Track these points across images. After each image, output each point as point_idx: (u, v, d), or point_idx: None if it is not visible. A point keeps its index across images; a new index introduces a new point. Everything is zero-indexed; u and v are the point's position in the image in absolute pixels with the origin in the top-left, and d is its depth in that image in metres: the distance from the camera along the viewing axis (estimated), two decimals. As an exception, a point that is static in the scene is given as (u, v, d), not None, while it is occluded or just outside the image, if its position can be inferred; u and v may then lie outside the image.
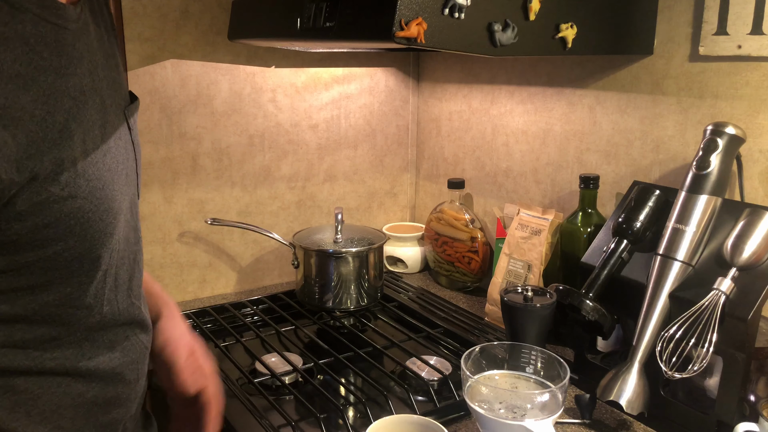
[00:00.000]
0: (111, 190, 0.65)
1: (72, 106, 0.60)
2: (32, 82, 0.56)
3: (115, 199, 0.66)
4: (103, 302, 0.69)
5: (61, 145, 0.58)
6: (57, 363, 0.65)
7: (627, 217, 1.05)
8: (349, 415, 1.03)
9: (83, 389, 0.68)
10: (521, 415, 0.82)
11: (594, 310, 1.02)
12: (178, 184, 1.44)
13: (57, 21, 0.61)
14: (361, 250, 1.35)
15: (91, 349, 0.69)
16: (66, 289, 0.63)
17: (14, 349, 0.62)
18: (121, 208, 0.68)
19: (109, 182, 0.65)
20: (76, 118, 0.61)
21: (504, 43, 0.95)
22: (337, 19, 0.98)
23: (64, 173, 0.58)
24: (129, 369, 0.74)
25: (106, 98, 0.69)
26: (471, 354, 0.90)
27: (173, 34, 1.37)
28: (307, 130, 1.59)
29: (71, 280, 0.64)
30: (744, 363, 0.88)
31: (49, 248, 0.59)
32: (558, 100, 1.36)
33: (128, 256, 0.74)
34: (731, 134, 0.97)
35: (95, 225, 0.63)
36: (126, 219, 0.71)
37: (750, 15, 1.00)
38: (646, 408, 0.93)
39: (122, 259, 0.72)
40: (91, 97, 0.64)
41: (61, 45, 0.61)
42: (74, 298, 0.64)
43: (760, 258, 0.89)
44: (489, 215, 1.56)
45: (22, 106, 0.54)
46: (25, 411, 0.63)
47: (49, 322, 0.63)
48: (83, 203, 0.61)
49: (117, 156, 0.69)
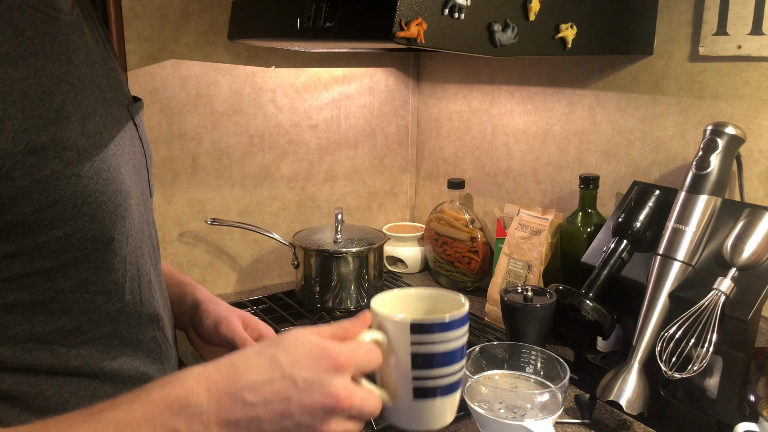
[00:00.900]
0: (118, 173, 0.66)
1: (69, 91, 0.62)
2: (22, 61, 0.57)
3: (124, 182, 0.66)
4: (125, 290, 0.68)
5: (58, 125, 0.59)
6: (81, 362, 0.65)
7: (627, 217, 1.05)
8: (349, 415, 1.03)
9: (111, 392, 0.67)
10: (521, 415, 0.82)
11: (594, 310, 1.02)
12: (178, 184, 1.44)
13: (47, 10, 0.62)
14: (361, 250, 1.35)
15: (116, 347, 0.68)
16: (82, 274, 0.64)
17: (38, 344, 0.62)
18: (131, 194, 0.68)
19: (115, 165, 0.65)
20: (74, 102, 0.62)
21: (504, 43, 0.95)
22: (337, 19, 0.98)
23: (66, 151, 0.59)
24: (156, 371, 0.74)
25: (106, 92, 0.70)
26: (471, 354, 0.90)
27: (173, 34, 1.37)
28: (307, 130, 1.59)
29: (86, 265, 0.64)
30: (744, 363, 0.88)
31: (59, 229, 0.60)
32: (558, 100, 1.36)
33: (148, 247, 0.74)
34: (731, 134, 0.97)
35: (104, 205, 0.63)
36: (139, 210, 0.72)
37: (750, 15, 1.00)
38: (646, 408, 0.93)
39: (141, 249, 0.72)
40: (90, 87, 0.66)
41: (53, 33, 0.62)
42: (90, 282, 0.64)
43: (760, 258, 0.89)
44: (489, 215, 1.56)
45: (11, 83, 0.55)
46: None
47: (68, 310, 0.63)
48: (88, 182, 0.61)
49: (122, 146, 0.69)
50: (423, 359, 0.59)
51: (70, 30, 0.66)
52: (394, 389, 0.61)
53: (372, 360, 0.58)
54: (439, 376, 0.60)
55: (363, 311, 0.61)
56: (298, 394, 0.53)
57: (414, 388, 0.60)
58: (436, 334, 0.59)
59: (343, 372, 0.55)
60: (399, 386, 0.60)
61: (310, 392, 0.53)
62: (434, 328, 0.59)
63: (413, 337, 0.59)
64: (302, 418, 0.53)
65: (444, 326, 0.59)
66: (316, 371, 0.54)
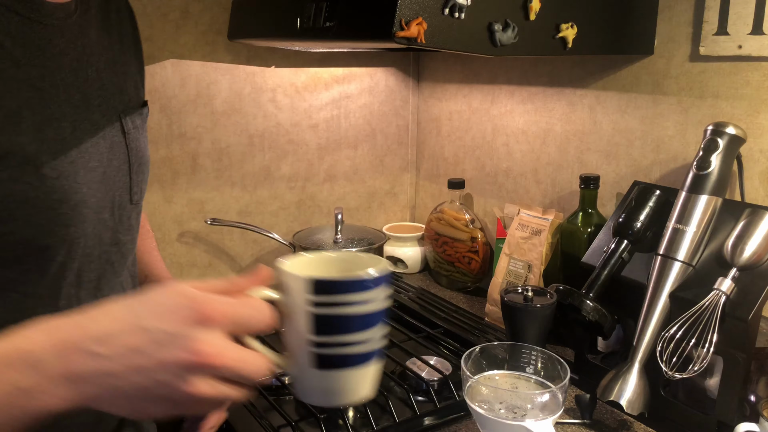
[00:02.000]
0: (71, 181, 0.65)
1: (32, 96, 0.62)
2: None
3: (77, 191, 0.66)
4: (60, 296, 0.68)
5: (6, 130, 0.59)
6: None
7: (627, 217, 1.05)
8: (349, 416, 1.03)
9: None
10: (521, 415, 0.82)
11: (594, 310, 1.01)
12: (178, 184, 1.44)
13: (28, 14, 0.63)
14: (361, 250, 1.35)
15: None
16: (11, 274, 0.63)
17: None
18: (87, 202, 0.68)
19: (69, 174, 0.65)
20: (34, 108, 0.62)
21: (504, 43, 0.95)
22: (337, 19, 0.98)
23: (9, 156, 0.59)
24: None
25: (92, 98, 0.70)
26: (471, 354, 0.90)
27: (173, 34, 1.37)
28: (307, 130, 1.59)
29: (16, 266, 0.63)
30: (744, 363, 0.88)
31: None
32: (558, 100, 1.35)
33: (99, 256, 0.73)
34: (732, 134, 0.97)
35: (43, 213, 0.62)
36: (100, 218, 0.71)
37: (750, 15, 1.00)
38: (647, 408, 0.93)
39: (89, 257, 0.71)
40: (66, 92, 0.66)
41: (28, 37, 0.63)
42: (20, 283, 0.64)
43: (761, 258, 0.89)
44: (489, 215, 1.56)
45: None
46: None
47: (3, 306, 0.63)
48: (27, 188, 0.61)
49: (91, 154, 0.69)
50: (326, 323, 0.52)
51: (55, 34, 0.66)
52: (294, 356, 0.54)
53: (258, 318, 0.50)
54: (345, 343, 0.53)
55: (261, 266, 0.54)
56: (154, 347, 0.46)
57: (317, 356, 0.53)
58: (340, 294, 0.51)
59: (210, 326, 0.47)
60: (299, 352, 0.53)
61: (168, 346, 0.46)
62: (338, 288, 0.51)
63: (315, 298, 0.51)
64: (160, 375, 0.46)
65: (350, 286, 0.52)
66: (177, 323, 0.47)
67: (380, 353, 0.56)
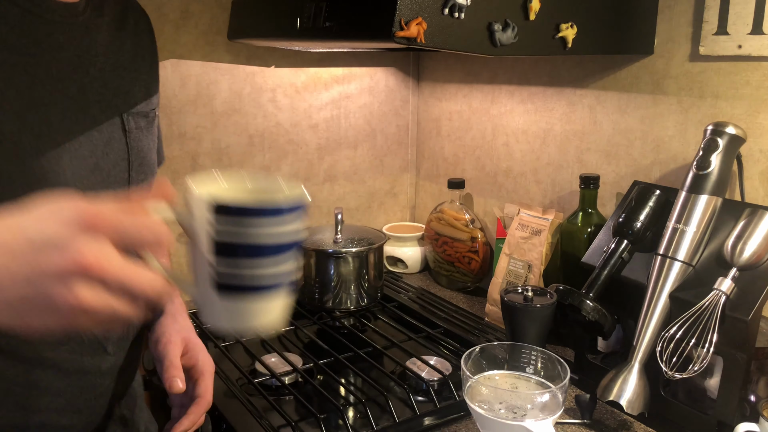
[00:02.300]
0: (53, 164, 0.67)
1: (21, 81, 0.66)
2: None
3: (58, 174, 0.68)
4: None
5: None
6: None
7: (627, 217, 1.05)
8: (349, 416, 1.03)
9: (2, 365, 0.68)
10: (521, 415, 0.82)
11: (594, 310, 1.01)
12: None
13: (30, 8, 0.67)
14: (361, 250, 1.35)
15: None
16: None
17: None
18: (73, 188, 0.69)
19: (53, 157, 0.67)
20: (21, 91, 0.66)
21: (504, 43, 0.95)
22: (337, 18, 0.98)
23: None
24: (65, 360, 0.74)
25: (90, 92, 0.73)
26: (471, 354, 0.90)
27: (173, 34, 1.37)
28: (307, 130, 1.58)
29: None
30: (744, 363, 0.88)
31: None
32: (558, 100, 1.35)
33: None
34: (732, 134, 0.97)
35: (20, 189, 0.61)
36: None
37: (750, 15, 1.00)
38: (647, 408, 0.93)
39: None
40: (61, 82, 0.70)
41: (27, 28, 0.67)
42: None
43: (761, 258, 0.89)
44: (489, 215, 1.56)
45: None
46: None
47: None
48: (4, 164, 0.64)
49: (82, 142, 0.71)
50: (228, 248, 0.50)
51: (56, 30, 0.70)
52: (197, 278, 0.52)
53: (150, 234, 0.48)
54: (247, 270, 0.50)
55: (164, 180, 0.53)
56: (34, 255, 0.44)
57: (217, 281, 0.51)
58: (244, 218, 0.49)
59: (95, 234, 0.45)
60: (201, 275, 0.51)
61: (47, 251, 0.44)
62: (242, 212, 0.49)
63: (217, 219, 0.49)
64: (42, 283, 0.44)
65: (255, 212, 0.49)
66: (59, 228, 0.45)
67: (290, 285, 0.53)
